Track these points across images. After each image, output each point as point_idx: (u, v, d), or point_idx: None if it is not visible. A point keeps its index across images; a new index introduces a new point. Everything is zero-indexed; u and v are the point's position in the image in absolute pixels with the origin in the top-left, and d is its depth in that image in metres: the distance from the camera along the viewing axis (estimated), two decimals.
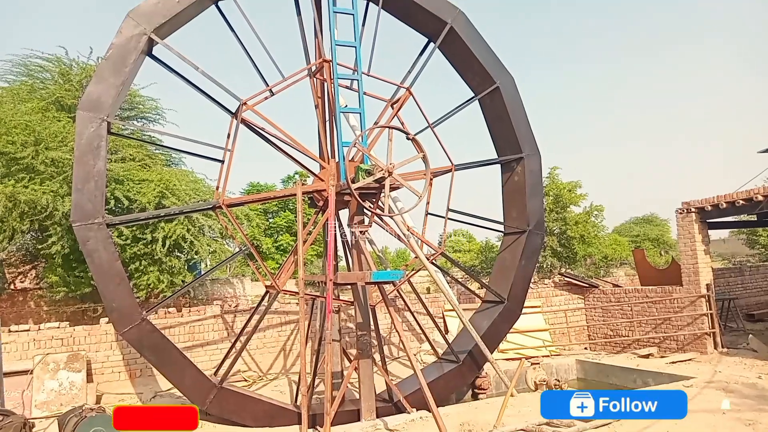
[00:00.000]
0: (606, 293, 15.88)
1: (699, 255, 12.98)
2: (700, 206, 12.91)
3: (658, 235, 30.72)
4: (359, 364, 10.00)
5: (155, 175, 15.27)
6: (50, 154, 13.51)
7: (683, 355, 12.83)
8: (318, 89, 11.56)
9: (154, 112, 18.59)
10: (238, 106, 10.47)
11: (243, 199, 11.89)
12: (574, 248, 21.95)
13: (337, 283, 9.32)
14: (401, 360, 14.09)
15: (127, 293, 9.11)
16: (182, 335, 12.52)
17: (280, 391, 11.72)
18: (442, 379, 11.12)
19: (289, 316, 13.87)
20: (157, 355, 9.17)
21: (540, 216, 11.99)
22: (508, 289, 11.64)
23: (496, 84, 11.69)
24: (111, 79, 9.39)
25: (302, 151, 10.83)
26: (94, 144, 9.16)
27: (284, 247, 23.25)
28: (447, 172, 11.70)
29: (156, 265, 14.36)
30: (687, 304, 13.32)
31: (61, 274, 14.46)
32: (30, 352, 11.00)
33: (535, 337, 14.80)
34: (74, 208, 8.99)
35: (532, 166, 11.89)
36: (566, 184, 22.24)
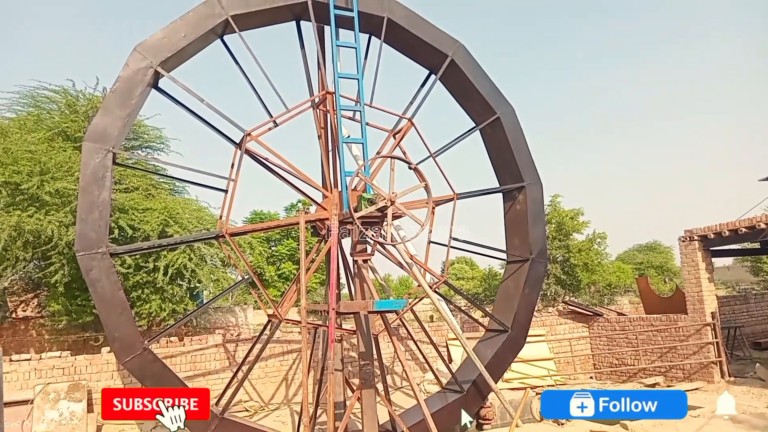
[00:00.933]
0: (610, 321, 15.77)
1: (703, 283, 12.93)
2: (702, 234, 12.92)
3: (661, 262, 30.64)
4: (362, 394, 9.90)
5: (159, 203, 15.39)
6: (56, 184, 13.64)
7: (690, 384, 12.69)
8: (321, 120, 11.70)
9: (158, 142, 18.83)
10: (242, 137, 10.58)
11: (246, 228, 11.95)
12: (578, 276, 21.89)
13: (340, 312, 9.30)
14: (405, 389, 13.95)
15: (129, 323, 9.11)
16: (184, 364, 12.45)
17: (282, 422, 11.60)
18: (446, 409, 10.97)
19: (291, 345, 13.79)
20: (158, 384, 9.09)
21: (543, 244, 11.99)
22: (511, 318, 11.58)
23: (496, 114, 11.82)
24: (117, 111, 9.53)
25: (305, 180, 10.92)
26: (99, 174, 9.25)
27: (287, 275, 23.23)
28: (449, 201, 11.75)
29: (158, 293, 14.38)
30: (692, 332, 13.23)
31: (63, 302, 14.48)
32: (31, 381, 10.94)
33: (539, 366, 14.65)
34: (78, 238, 9.05)
35: (533, 194, 11.94)
36: (568, 212, 22.29)
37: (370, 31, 11.58)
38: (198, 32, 9.97)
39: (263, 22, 11.01)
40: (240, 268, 11.16)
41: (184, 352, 12.64)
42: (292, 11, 10.90)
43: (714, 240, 12.81)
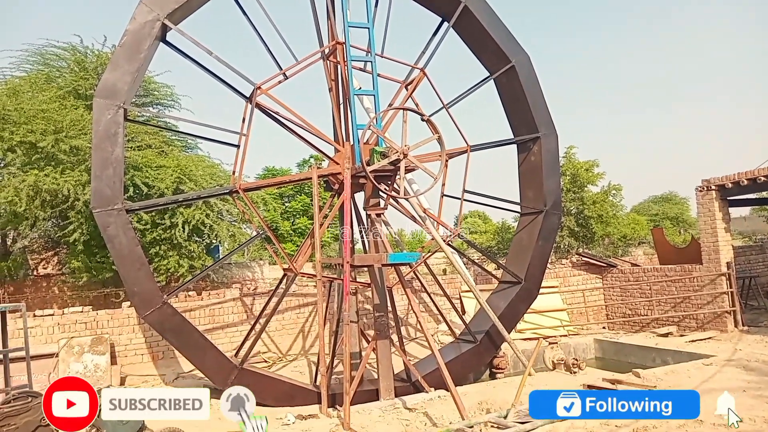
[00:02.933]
0: (624, 272, 15.77)
1: (719, 233, 12.80)
2: (720, 184, 12.71)
3: (677, 213, 30.32)
4: (377, 345, 10.09)
5: (172, 161, 15.40)
6: (71, 142, 13.67)
7: (703, 334, 12.74)
8: (331, 72, 11.53)
9: (169, 99, 18.70)
10: (252, 91, 10.50)
11: (259, 184, 11.99)
12: (592, 228, 21.75)
13: (354, 265, 9.39)
14: (418, 341, 14.18)
15: (148, 278, 9.28)
16: (202, 318, 12.72)
17: (300, 372, 11.89)
18: (460, 359, 11.18)
19: (307, 298, 14.01)
20: (178, 337, 9.36)
21: (557, 196, 11.91)
22: (525, 270, 11.63)
23: (511, 63, 11.57)
24: (126, 65, 9.46)
25: (317, 134, 10.85)
26: (111, 131, 9.26)
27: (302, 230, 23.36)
28: (462, 153, 11.66)
29: (175, 249, 14.54)
30: (707, 282, 13.19)
31: (83, 259, 14.71)
32: (55, 336, 11.27)
33: (552, 317, 14.78)
34: (93, 195, 9.14)
35: (548, 145, 11.79)
36: (583, 163, 21.97)
37: None
38: None
39: None
40: (255, 224, 11.23)
41: (202, 305, 12.90)
42: None
43: (732, 189, 12.59)
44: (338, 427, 8.44)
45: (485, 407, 9.15)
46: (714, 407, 7.78)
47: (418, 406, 9.52)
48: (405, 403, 9.65)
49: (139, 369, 11.73)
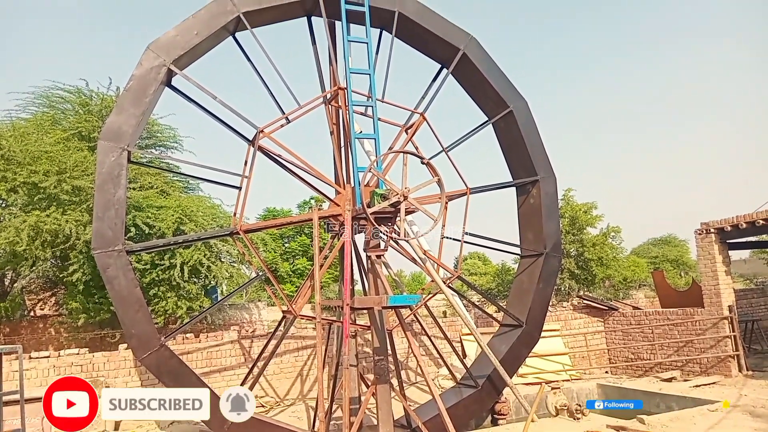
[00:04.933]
0: (626, 316, 15.65)
1: (720, 276, 12.78)
2: (719, 227, 12.76)
3: (677, 256, 30.29)
4: (377, 390, 9.91)
5: (173, 201, 15.52)
6: (73, 182, 13.79)
7: (707, 379, 12.56)
8: (333, 116, 11.71)
9: (171, 141, 19.00)
10: (255, 134, 10.64)
11: (260, 225, 12.00)
12: (593, 270, 21.72)
13: (354, 307, 9.32)
14: (419, 385, 13.97)
15: (146, 320, 9.19)
16: (199, 360, 12.55)
17: (298, 417, 11.66)
18: (461, 404, 10.96)
19: (306, 341, 13.85)
20: (175, 380, 9.20)
21: (557, 238, 11.92)
22: (526, 313, 11.53)
23: (509, 108, 11.76)
24: (131, 109, 9.62)
25: (318, 176, 10.94)
26: (114, 173, 9.34)
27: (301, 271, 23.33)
28: (462, 196, 11.73)
29: (174, 290, 14.50)
30: (709, 326, 13.09)
31: (81, 300, 14.65)
32: (50, 378, 11.07)
33: (554, 361, 14.59)
34: (95, 236, 9.14)
35: (547, 188, 11.87)
36: (581, 206, 22.11)
37: (382, 26, 11.57)
38: (210, 29, 10.03)
39: (275, 19, 11.05)
40: (254, 265, 11.20)
41: (200, 348, 12.74)
42: (303, 7, 10.93)
43: (731, 233, 12.64)
44: None
45: None
46: None
47: None
48: None
49: None
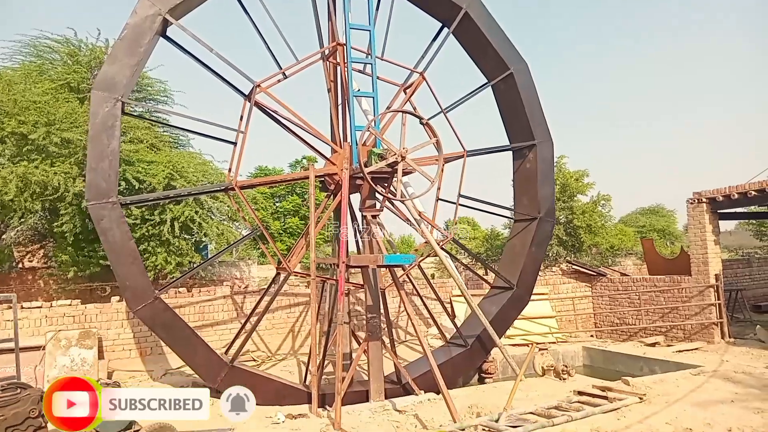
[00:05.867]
0: (614, 282, 15.91)
1: (709, 245, 12.97)
2: (711, 197, 12.88)
3: (664, 226, 30.60)
4: (369, 346, 10.08)
5: (164, 157, 15.31)
6: (62, 134, 13.55)
7: (690, 344, 12.88)
8: (331, 73, 11.54)
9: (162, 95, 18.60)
10: (251, 89, 10.48)
11: (255, 182, 11.96)
12: (581, 237, 21.91)
13: (350, 265, 9.36)
14: (408, 343, 14.19)
15: (141, 272, 9.20)
16: (192, 315, 12.61)
17: (289, 372, 11.84)
18: (450, 362, 11.19)
19: (298, 298, 13.96)
20: (169, 333, 9.28)
21: (551, 203, 12.00)
22: (517, 276, 11.69)
23: (510, 70, 11.65)
24: (125, 59, 9.41)
25: (315, 134, 10.84)
26: (108, 123, 9.19)
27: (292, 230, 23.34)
28: (459, 158, 11.71)
29: (164, 246, 14.43)
30: (695, 293, 13.35)
31: (71, 253, 14.56)
32: (42, 328, 11.13)
33: (541, 324, 14.85)
34: (88, 187, 9.05)
35: (544, 153, 11.88)
36: (573, 173, 22.16)
37: None
38: None
39: None
40: (249, 222, 11.18)
41: (192, 302, 12.81)
42: None
43: (722, 203, 12.76)
44: (329, 427, 8.41)
45: (475, 411, 9.17)
46: (704, 417, 7.90)
47: (407, 408, 9.49)
48: (395, 405, 9.63)
49: (126, 364, 11.60)
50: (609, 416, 8.15)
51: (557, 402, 8.87)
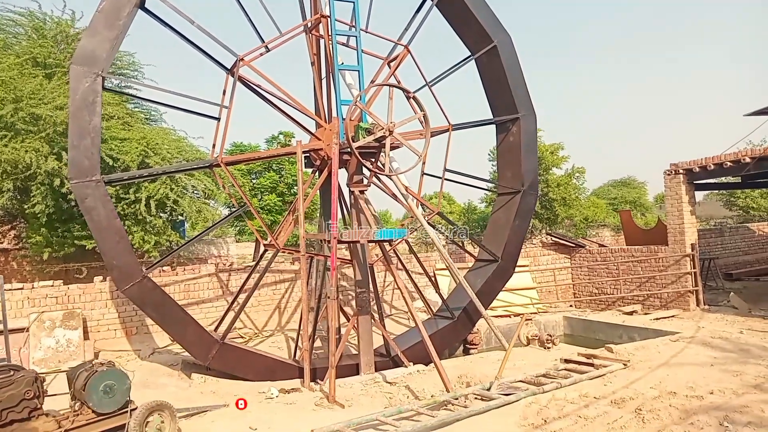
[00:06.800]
0: (592, 253, 16.28)
1: (685, 215, 13.34)
2: (688, 168, 13.20)
3: (635, 197, 31.25)
4: (358, 321, 10.16)
5: (137, 133, 14.92)
6: (30, 110, 13.08)
7: (666, 312, 13.31)
8: (314, 46, 11.36)
9: (131, 68, 18.02)
10: (234, 62, 10.27)
11: (242, 158, 11.78)
12: (556, 210, 22.26)
13: (342, 240, 9.36)
14: (394, 317, 14.33)
15: (127, 251, 9.04)
16: (177, 293, 12.48)
17: (278, 347, 11.87)
18: (437, 334, 11.34)
19: (283, 274, 13.93)
20: (159, 312, 9.18)
21: (534, 176, 12.14)
22: (501, 248, 11.84)
23: (493, 43, 11.63)
24: (105, 32, 9.11)
25: (300, 109, 10.70)
26: (89, 99, 8.92)
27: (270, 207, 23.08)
28: (444, 132, 11.72)
29: (140, 225, 14.16)
30: (672, 263, 13.76)
31: (45, 234, 14.19)
32: (24, 310, 10.88)
33: (523, 295, 15.15)
34: (71, 165, 8.81)
35: (527, 126, 11.96)
36: (548, 146, 22.40)
37: None
38: None
39: None
40: (235, 199, 11.05)
41: (177, 281, 12.66)
42: None
43: (698, 174, 13.10)
44: (323, 400, 8.49)
45: (465, 381, 9.38)
46: (686, 380, 8.21)
47: (398, 380, 9.65)
48: (385, 377, 9.78)
49: (112, 344, 11.46)
50: (596, 382, 8.42)
51: (545, 370, 9.12)
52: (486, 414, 7.25)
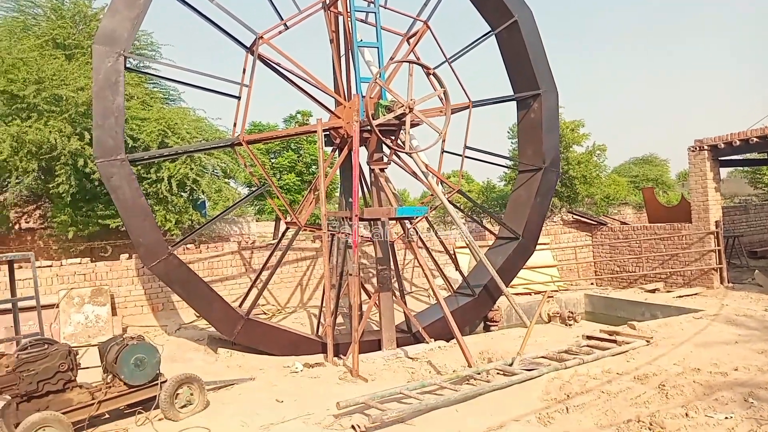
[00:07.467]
0: (614, 230, 16.16)
1: (710, 192, 13.14)
2: (712, 144, 12.97)
3: (657, 175, 30.77)
4: (380, 297, 10.24)
5: (156, 113, 15.03)
6: (53, 91, 13.24)
7: (690, 290, 13.21)
8: (332, 23, 11.29)
9: (150, 48, 18.07)
10: (253, 40, 10.27)
11: (262, 136, 11.88)
12: (576, 188, 22.04)
13: (363, 218, 9.40)
14: (414, 294, 14.40)
15: (153, 228, 9.19)
16: (201, 270, 12.63)
17: (301, 323, 12.04)
18: (458, 311, 11.37)
19: (304, 252, 14.07)
20: (185, 288, 9.34)
21: (555, 153, 12.04)
22: (522, 226, 11.80)
23: (514, 17, 11.46)
24: (125, 11, 9.16)
25: (320, 87, 10.69)
26: (112, 79, 9.00)
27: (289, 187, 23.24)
28: (464, 109, 11.63)
29: (162, 204, 14.35)
30: (695, 240, 13.61)
31: (69, 213, 14.44)
32: (54, 287, 11.14)
33: (543, 273, 15.11)
34: (96, 145, 8.93)
35: (549, 102, 11.83)
36: (569, 123, 22.12)
37: None
38: None
39: None
40: (257, 177, 11.13)
41: (201, 258, 12.85)
42: None
43: (723, 150, 12.87)
44: (346, 374, 8.62)
45: (486, 357, 9.42)
46: (710, 357, 8.17)
47: (420, 355, 9.75)
48: (407, 353, 9.89)
49: (139, 320, 11.72)
50: (618, 358, 8.41)
51: (567, 346, 9.14)
52: (508, 389, 7.31)
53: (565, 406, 6.50)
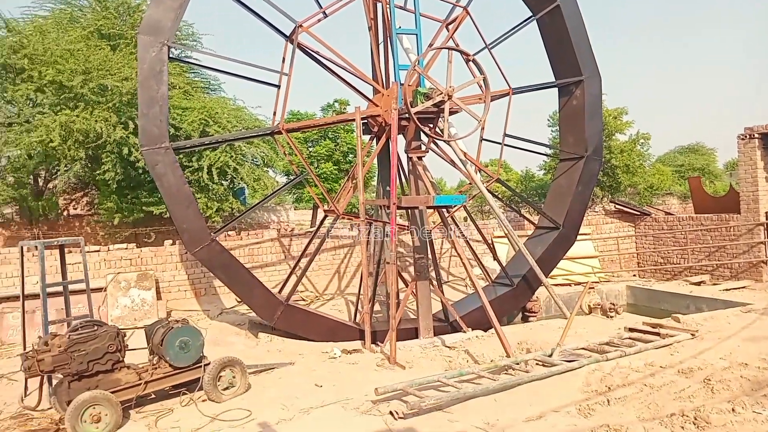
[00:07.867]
0: (658, 221, 15.75)
1: (760, 182, 12.67)
2: (764, 132, 12.48)
3: (703, 164, 29.76)
4: (417, 285, 10.24)
5: (197, 103, 15.29)
6: (99, 81, 13.60)
7: (737, 283, 12.80)
8: (371, 10, 11.25)
9: (191, 38, 18.36)
10: (293, 29, 10.32)
11: (302, 125, 11.93)
12: (618, 177, 21.51)
13: (401, 207, 9.40)
14: (451, 284, 14.36)
15: (197, 215, 9.39)
16: (242, 257, 12.87)
17: (338, 310, 12.17)
18: (497, 301, 11.28)
19: (342, 240, 14.20)
20: (227, 273, 9.54)
21: (598, 141, 11.76)
22: (563, 215, 11.60)
23: (556, 2, 11.20)
24: (169, 1, 9.32)
25: (359, 75, 10.69)
26: (156, 69, 9.19)
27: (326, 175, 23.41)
28: (504, 96, 11.46)
29: (203, 191, 14.64)
30: (744, 232, 13.16)
31: (115, 200, 14.88)
32: (101, 271, 11.53)
33: (584, 264, 14.84)
34: (141, 133, 9.16)
35: (592, 89, 11.55)
36: (612, 111, 21.54)
37: None
38: None
39: None
40: (296, 165, 11.24)
41: (241, 245, 13.10)
42: None
43: None
44: (384, 361, 8.67)
45: (525, 347, 9.34)
46: (758, 352, 7.91)
47: (457, 344, 9.73)
48: (444, 342, 9.87)
49: (183, 304, 12.04)
50: (662, 351, 8.22)
51: (609, 338, 8.98)
52: (548, 379, 7.24)
53: (606, 399, 6.40)
